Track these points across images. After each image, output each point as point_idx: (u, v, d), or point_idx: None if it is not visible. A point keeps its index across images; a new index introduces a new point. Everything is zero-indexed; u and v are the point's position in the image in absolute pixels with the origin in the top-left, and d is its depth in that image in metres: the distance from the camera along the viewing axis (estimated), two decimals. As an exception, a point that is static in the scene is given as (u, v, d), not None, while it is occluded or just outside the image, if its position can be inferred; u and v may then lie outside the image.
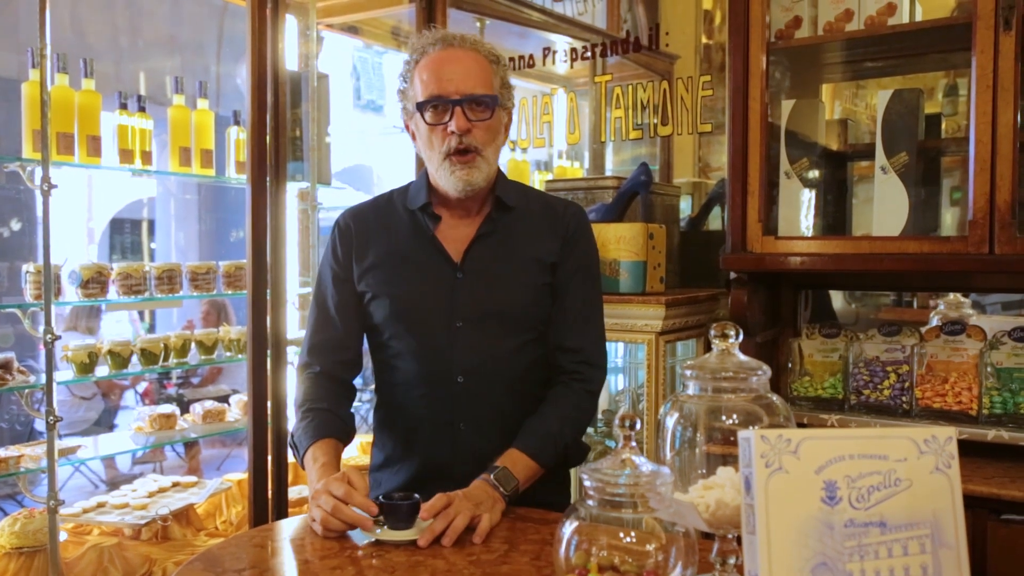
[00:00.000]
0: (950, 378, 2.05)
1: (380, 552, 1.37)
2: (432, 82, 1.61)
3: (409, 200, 1.72)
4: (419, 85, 1.63)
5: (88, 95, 2.72)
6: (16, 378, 2.60)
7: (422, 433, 1.69)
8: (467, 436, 1.66)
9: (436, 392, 1.66)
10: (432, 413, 1.67)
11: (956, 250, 1.93)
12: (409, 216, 1.71)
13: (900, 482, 0.98)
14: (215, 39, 6.99)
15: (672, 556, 1.04)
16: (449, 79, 1.60)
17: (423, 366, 1.66)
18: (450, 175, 1.62)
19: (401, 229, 1.71)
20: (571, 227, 1.74)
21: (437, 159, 1.63)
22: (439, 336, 1.65)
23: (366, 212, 1.77)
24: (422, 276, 1.67)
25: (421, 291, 1.66)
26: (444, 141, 1.61)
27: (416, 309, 1.65)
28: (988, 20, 1.86)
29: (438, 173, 1.64)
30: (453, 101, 1.59)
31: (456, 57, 1.63)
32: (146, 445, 3.18)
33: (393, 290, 1.67)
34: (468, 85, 1.60)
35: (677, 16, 3.11)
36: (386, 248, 1.70)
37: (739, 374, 1.13)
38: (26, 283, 2.66)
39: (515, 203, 1.72)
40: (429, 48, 1.64)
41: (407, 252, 1.69)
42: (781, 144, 2.25)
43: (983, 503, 1.77)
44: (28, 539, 2.53)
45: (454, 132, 1.59)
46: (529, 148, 3.05)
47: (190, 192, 7.92)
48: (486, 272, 1.67)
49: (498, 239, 1.69)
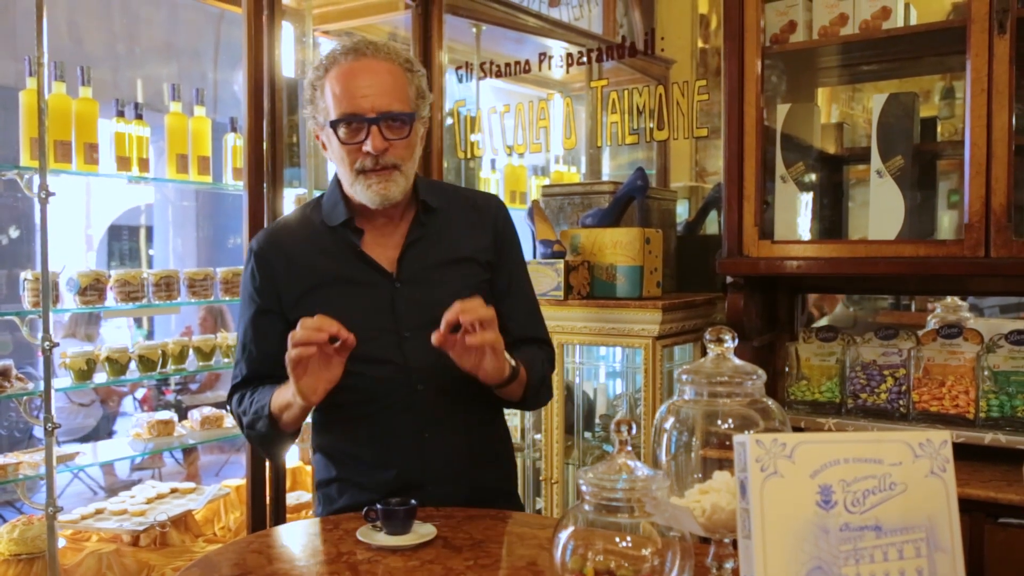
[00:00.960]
0: (947, 381, 2.05)
1: (378, 558, 1.37)
2: (345, 98, 1.54)
3: (326, 217, 1.66)
4: (331, 99, 1.56)
5: (85, 103, 2.72)
6: (14, 385, 2.59)
7: (387, 448, 1.63)
8: (435, 444, 1.63)
9: (396, 404, 1.62)
10: (395, 425, 1.63)
11: (952, 253, 1.93)
12: (331, 233, 1.65)
13: (895, 486, 0.98)
14: (212, 46, 6.99)
15: (668, 560, 1.04)
16: (364, 95, 1.53)
17: (379, 379, 1.60)
18: (366, 189, 1.57)
19: (325, 248, 1.65)
20: (499, 221, 1.73)
21: (351, 175, 1.58)
22: (390, 348, 1.61)
23: (283, 236, 1.70)
24: (359, 293, 1.63)
25: (362, 308, 1.61)
26: (358, 159, 1.56)
27: (361, 327, 1.54)
28: (982, 23, 1.87)
29: (353, 188, 1.59)
30: (369, 120, 1.53)
31: (370, 68, 1.56)
32: (144, 452, 3.18)
33: (333, 313, 1.54)
34: (384, 102, 1.54)
35: (673, 21, 3.12)
36: (315, 271, 1.64)
37: (734, 378, 1.13)
38: (24, 290, 2.66)
39: (438, 204, 1.69)
40: (341, 58, 1.57)
41: (338, 271, 1.64)
42: (777, 148, 2.25)
43: (980, 507, 1.77)
44: (27, 546, 2.52)
45: (369, 152, 1.54)
46: (526, 153, 3.05)
47: (188, 199, 7.92)
48: (424, 278, 1.65)
49: (429, 243, 1.67)
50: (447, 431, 1.64)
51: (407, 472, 1.63)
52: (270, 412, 1.57)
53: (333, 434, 1.69)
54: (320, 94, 1.59)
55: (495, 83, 3.27)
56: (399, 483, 1.61)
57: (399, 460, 1.63)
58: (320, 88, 1.59)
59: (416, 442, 1.63)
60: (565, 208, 2.72)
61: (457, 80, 3.25)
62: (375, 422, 1.63)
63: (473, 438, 1.68)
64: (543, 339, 1.80)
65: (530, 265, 2.47)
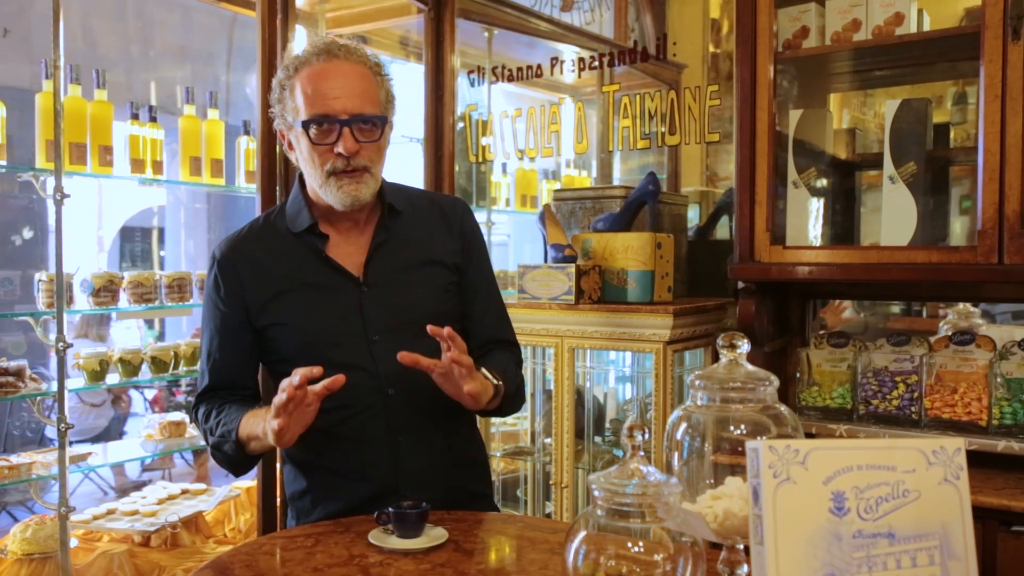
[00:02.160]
0: (959, 388, 2.04)
1: (389, 561, 1.37)
2: (318, 99, 1.54)
3: (290, 223, 1.65)
4: (301, 98, 1.55)
5: (100, 105, 2.74)
6: (28, 385, 2.61)
7: (359, 455, 1.62)
8: (407, 449, 1.62)
9: (368, 410, 1.60)
10: (368, 432, 1.61)
11: (965, 260, 1.93)
12: (295, 239, 1.64)
13: (909, 493, 0.98)
14: (225, 49, 7.03)
15: (680, 566, 1.04)
16: (336, 96, 1.53)
17: (349, 385, 1.50)
18: (337, 191, 1.56)
19: (290, 254, 1.64)
20: (465, 224, 1.74)
21: (321, 176, 1.57)
22: (359, 353, 1.60)
23: (245, 243, 1.68)
24: (326, 298, 1.62)
25: (330, 313, 1.61)
26: (329, 160, 1.55)
27: (329, 332, 1.59)
28: (996, 30, 1.86)
29: (322, 189, 1.58)
30: (341, 121, 1.53)
31: (341, 71, 1.56)
32: (156, 452, 3.20)
33: (300, 319, 1.60)
34: (355, 104, 1.54)
35: (685, 25, 3.12)
36: (280, 278, 1.63)
37: (747, 384, 1.13)
38: (38, 291, 2.68)
39: (403, 207, 1.69)
40: (313, 58, 1.56)
41: (304, 277, 1.63)
42: (789, 153, 2.25)
43: (993, 515, 1.76)
44: (39, 545, 2.54)
45: (341, 154, 1.54)
46: (537, 157, 3.06)
47: (200, 201, 7.96)
48: (391, 282, 1.64)
49: (395, 246, 1.67)
50: (420, 435, 1.63)
51: (381, 479, 1.61)
52: (237, 438, 1.56)
53: (304, 444, 1.57)
54: (289, 94, 1.58)
55: (507, 87, 3.28)
56: (374, 491, 1.59)
57: (372, 468, 1.62)
58: (290, 88, 1.58)
59: (390, 448, 1.61)
60: (576, 212, 2.73)
61: (469, 84, 3.26)
62: (347, 429, 1.61)
63: (447, 441, 1.68)
64: (511, 341, 1.80)
65: (541, 269, 2.48)
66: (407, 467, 1.62)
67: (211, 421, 1.64)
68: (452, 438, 1.69)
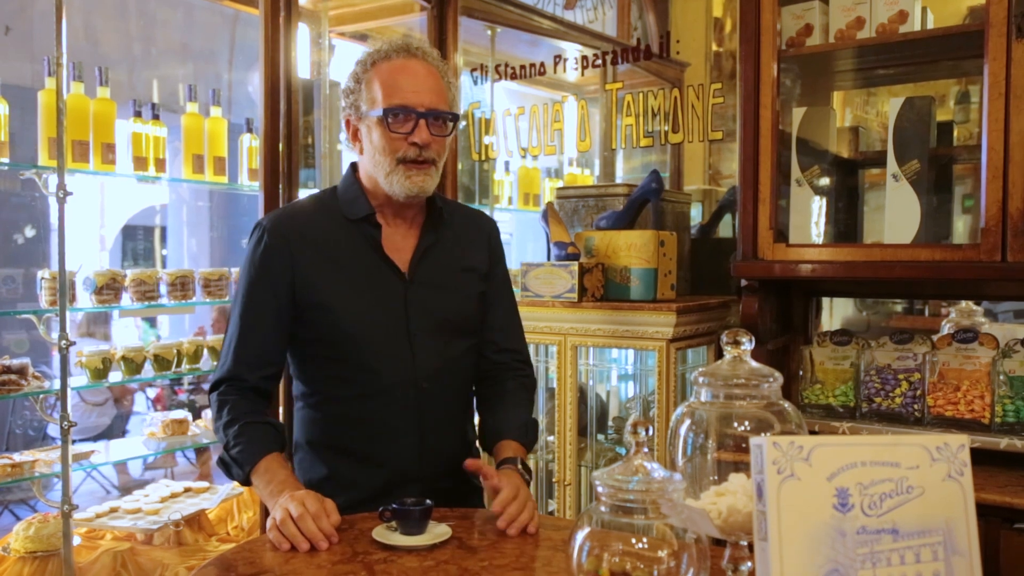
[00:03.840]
0: (962, 386, 2.04)
1: (393, 558, 1.38)
2: (397, 90, 1.61)
3: (345, 209, 1.69)
4: (379, 90, 1.62)
5: (103, 103, 2.74)
6: (31, 383, 2.62)
7: (385, 442, 1.67)
8: (431, 440, 1.68)
9: (400, 400, 1.66)
10: (398, 421, 1.66)
11: (968, 258, 1.93)
12: (348, 225, 1.68)
13: (912, 489, 0.98)
14: (227, 47, 7.03)
15: (684, 562, 1.04)
16: (415, 90, 1.61)
17: (386, 375, 1.64)
18: (405, 179, 1.62)
19: (342, 239, 1.68)
20: (493, 238, 1.84)
21: (390, 163, 1.62)
22: (400, 345, 1.66)
23: (299, 219, 1.71)
24: (373, 287, 1.66)
25: (376, 303, 1.66)
26: (401, 149, 1.61)
27: (374, 321, 1.64)
28: (1000, 28, 1.86)
29: (389, 177, 1.63)
30: (419, 113, 1.60)
31: (420, 68, 1.64)
32: (158, 451, 3.20)
33: (346, 303, 1.64)
34: (432, 99, 1.62)
35: (688, 24, 3.12)
36: (330, 260, 1.66)
37: (751, 381, 1.13)
38: (41, 289, 2.69)
39: (448, 215, 1.76)
40: (392, 54, 1.64)
41: (354, 263, 1.67)
42: (792, 151, 2.25)
43: (996, 512, 1.76)
44: (42, 543, 2.54)
45: (415, 143, 1.60)
46: (540, 155, 3.06)
47: (202, 199, 7.96)
48: (434, 282, 1.71)
49: (441, 249, 1.73)
50: (444, 427, 1.71)
51: (405, 467, 1.67)
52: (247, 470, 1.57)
53: (327, 429, 1.68)
54: (365, 86, 1.64)
55: (510, 85, 3.28)
56: (396, 478, 1.65)
57: (398, 456, 1.67)
58: (366, 81, 1.64)
59: (418, 438, 1.67)
60: (579, 210, 2.73)
61: (472, 82, 3.26)
62: (379, 418, 1.66)
63: (461, 434, 1.78)
64: (524, 357, 1.87)
65: (544, 267, 2.48)
66: (430, 457, 1.68)
67: (231, 431, 1.60)
68: (464, 430, 1.79)
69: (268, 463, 1.57)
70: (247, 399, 1.65)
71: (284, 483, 1.53)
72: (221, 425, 1.63)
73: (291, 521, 1.42)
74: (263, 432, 1.61)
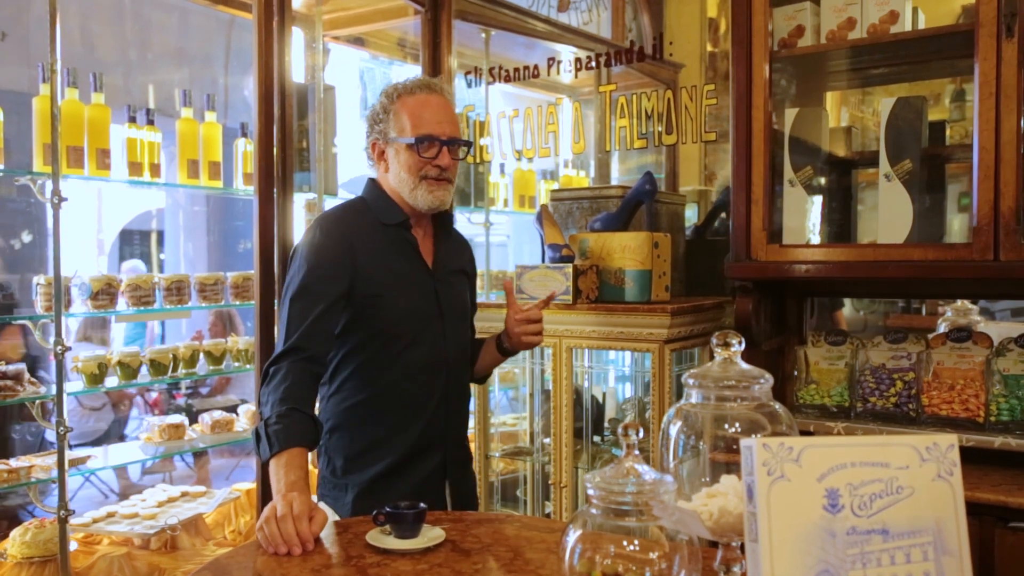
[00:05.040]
0: (957, 385, 2.05)
1: (387, 561, 1.38)
2: (424, 122, 1.90)
3: (382, 216, 1.94)
4: (408, 120, 1.90)
5: (98, 109, 2.75)
6: (27, 389, 2.62)
7: (420, 413, 1.91)
8: (453, 409, 1.98)
9: (436, 377, 1.93)
10: (433, 394, 1.93)
11: (961, 257, 1.93)
12: (385, 229, 1.93)
13: (902, 490, 0.98)
14: (223, 51, 7.02)
15: (676, 564, 1.04)
16: (439, 121, 1.91)
17: (427, 355, 1.92)
18: (428, 194, 1.91)
19: (384, 241, 1.92)
20: (470, 252, 2.16)
21: (414, 181, 1.90)
22: (435, 329, 1.94)
23: (350, 221, 1.94)
24: (413, 281, 1.93)
25: (417, 294, 1.93)
26: (424, 168, 1.90)
27: (416, 309, 1.92)
28: (990, 27, 1.86)
29: (414, 192, 1.91)
30: (443, 141, 1.90)
31: (441, 103, 1.94)
32: (155, 455, 3.20)
33: (396, 294, 1.89)
34: (453, 130, 1.93)
35: (682, 25, 3.12)
36: (380, 256, 1.90)
37: (741, 382, 1.13)
38: (37, 295, 2.69)
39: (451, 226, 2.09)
40: (417, 90, 1.93)
41: (397, 260, 1.93)
42: (785, 152, 2.25)
43: (990, 511, 1.77)
44: (39, 549, 2.54)
45: (438, 166, 1.90)
46: (535, 157, 3.06)
47: (199, 204, 7.95)
48: (450, 278, 2.02)
49: (450, 253, 2.05)
50: (460, 400, 2.02)
51: (428, 435, 1.91)
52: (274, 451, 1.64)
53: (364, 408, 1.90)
54: (394, 116, 1.92)
55: (504, 88, 3.28)
56: (423, 445, 1.91)
57: (429, 425, 1.91)
58: (394, 111, 1.92)
59: (444, 408, 1.94)
60: (574, 212, 2.73)
61: (466, 85, 3.27)
62: (416, 390, 1.90)
63: (468, 408, 2.11)
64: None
65: (539, 269, 2.48)
66: (452, 423, 1.97)
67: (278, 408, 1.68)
68: (469, 403, 2.10)
69: (292, 456, 1.63)
70: (304, 378, 1.76)
71: (294, 484, 1.58)
72: (273, 399, 1.71)
73: (274, 521, 1.47)
74: (305, 425, 1.69)
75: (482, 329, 2.34)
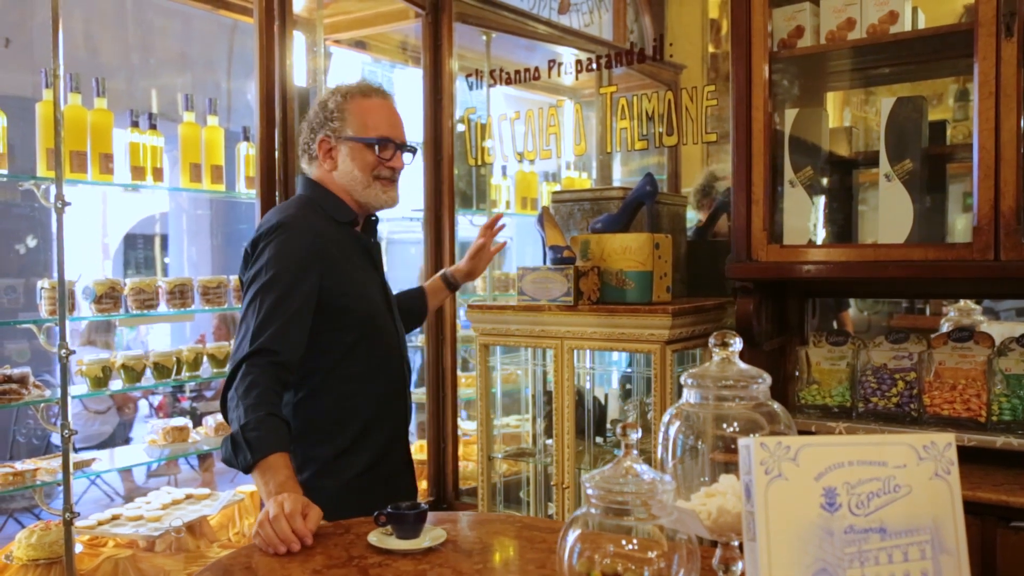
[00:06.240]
0: (959, 385, 2.05)
1: (388, 562, 1.38)
2: (384, 126, 1.97)
3: (336, 215, 1.97)
4: (368, 120, 1.95)
5: (100, 114, 2.76)
6: (32, 392, 2.63)
7: (386, 406, 1.98)
8: (408, 394, 2.07)
9: (397, 368, 2.01)
10: (397, 384, 2.01)
11: (961, 257, 1.93)
12: (338, 227, 1.96)
13: (900, 488, 0.99)
14: (225, 56, 7.05)
15: (675, 563, 1.04)
16: (394, 125, 2.00)
17: (386, 347, 1.99)
18: (383, 193, 1.98)
19: (341, 239, 1.95)
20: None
21: (367, 180, 1.96)
22: (388, 322, 2.02)
23: (312, 221, 1.92)
24: (367, 278, 1.99)
25: (374, 291, 2.00)
26: (378, 168, 1.96)
27: (375, 303, 1.99)
28: (989, 27, 1.87)
29: (367, 191, 1.96)
30: (397, 144, 1.99)
31: (394, 109, 2.03)
32: (160, 458, 3.21)
33: (360, 290, 1.95)
34: (404, 134, 2.03)
35: (683, 26, 3.13)
36: (342, 255, 1.93)
37: (739, 382, 1.14)
38: (41, 299, 2.70)
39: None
40: (370, 93, 1.99)
41: (354, 258, 1.97)
42: (785, 152, 2.26)
43: (992, 510, 1.77)
44: (44, 551, 2.56)
45: (393, 167, 1.98)
46: (536, 159, 3.07)
47: (202, 207, 7.97)
48: (382, 272, 2.10)
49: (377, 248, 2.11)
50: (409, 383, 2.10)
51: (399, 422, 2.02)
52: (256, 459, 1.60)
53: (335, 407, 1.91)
54: (348, 115, 1.95)
55: (506, 90, 3.29)
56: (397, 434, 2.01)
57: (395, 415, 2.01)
58: (348, 111, 1.95)
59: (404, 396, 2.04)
60: (575, 214, 2.73)
61: (468, 87, 3.28)
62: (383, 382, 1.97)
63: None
64: None
65: (540, 271, 2.49)
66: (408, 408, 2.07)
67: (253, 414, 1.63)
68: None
69: (275, 460, 1.61)
70: (275, 381, 1.71)
71: (283, 485, 1.57)
72: (245, 403, 1.65)
73: (267, 523, 1.47)
74: (282, 430, 1.66)
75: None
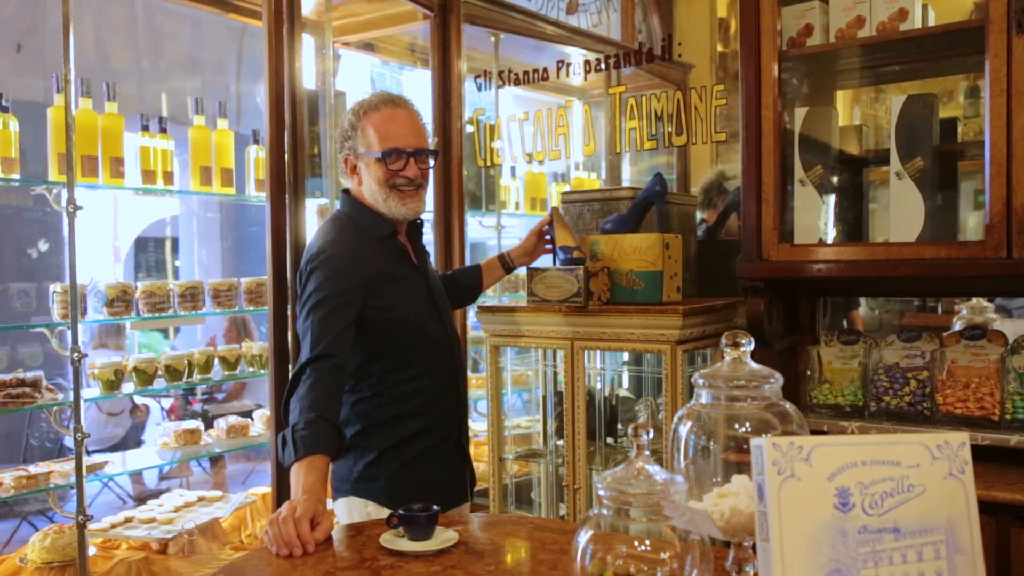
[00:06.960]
0: (971, 383, 2.03)
1: (400, 563, 1.38)
2: (390, 136, 1.99)
3: (372, 229, 2.03)
4: (374, 135, 1.99)
5: (111, 118, 2.77)
6: (45, 396, 2.64)
7: (438, 404, 2.05)
8: (462, 390, 2.17)
9: (445, 368, 2.08)
10: (444, 385, 2.08)
11: (973, 255, 1.92)
12: (377, 242, 2.03)
13: (913, 488, 0.98)
14: (235, 59, 7.08)
15: (687, 564, 1.04)
16: (403, 134, 2.00)
17: (438, 351, 2.07)
18: (401, 205, 2.01)
19: (381, 254, 2.02)
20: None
21: (385, 192, 2.00)
22: (436, 326, 2.08)
23: (351, 244, 2.00)
24: (410, 286, 2.05)
25: (416, 297, 2.06)
26: (392, 179, 1.99)
27: (420, 311, 2.05)
28: (1000, 24, 1.85)
29: (387, 202, 2.01)
30: (408, 153, 2.00)
31: (406, 116, 2.03)
32: (172, 460, 3.23)
33: (402, 302, 2.01)
34: (418, 141, 2.02)
35: (692, 25, 3.12)
36: (382, 270, 1.99)
37: (751, 382, 1.13)
38: (53, 303, 2.72)
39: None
40: (381, 105, 2.02)
41: (395, 269, 2.03)
42: (795, 151, 2.25)
43: (1007, 510, 1.76)
44: (58, 554, 2.57)
45: (407, 176, 1.99)
46: (545, 160, 3.07)
47: (212, 210, 8.01)
48: (429, 276, 2.15)
49: (421, 252, 2.16)
50: (465, 379, 2.21)
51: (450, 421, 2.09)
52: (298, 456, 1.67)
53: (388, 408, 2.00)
54: (362, 132, 2.01)
55: (514, 91, 3.29)
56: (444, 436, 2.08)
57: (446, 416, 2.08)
58: (361, 128, 2.01)
59: (456, 395, 2.12)
60: (584, 215, 2.73)
61: (476, 88, 3.28)
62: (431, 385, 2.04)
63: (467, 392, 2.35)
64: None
65: (550, 272, 2.49)
66: (463, 409, 2.16)
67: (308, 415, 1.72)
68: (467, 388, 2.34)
69: (313, 460, 1.67)
70: (336, 384, 1.83)
71: (309, 487, 1.61)
72: (301, 406, 1.75)
73: (277, 522, 1.50)
74: (330, 434, 1.73)
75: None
